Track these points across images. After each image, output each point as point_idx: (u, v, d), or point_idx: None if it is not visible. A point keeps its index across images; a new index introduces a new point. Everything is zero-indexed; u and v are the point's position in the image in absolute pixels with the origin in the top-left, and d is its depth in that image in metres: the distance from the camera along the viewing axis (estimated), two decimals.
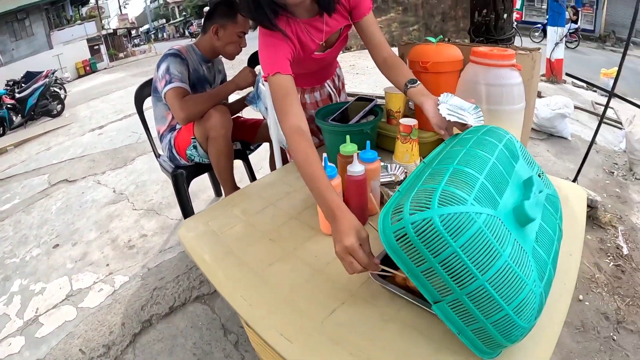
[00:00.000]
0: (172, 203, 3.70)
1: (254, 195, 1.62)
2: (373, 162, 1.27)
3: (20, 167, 6.29)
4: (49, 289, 2.88)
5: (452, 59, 1.58)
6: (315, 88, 1.98)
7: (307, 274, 1.14)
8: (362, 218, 1.26)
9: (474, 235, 0.70)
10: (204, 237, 1.39)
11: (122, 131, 6.93)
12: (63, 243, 3.48)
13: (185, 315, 2.38)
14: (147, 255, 3.00)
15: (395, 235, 0.77)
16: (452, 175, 0.81)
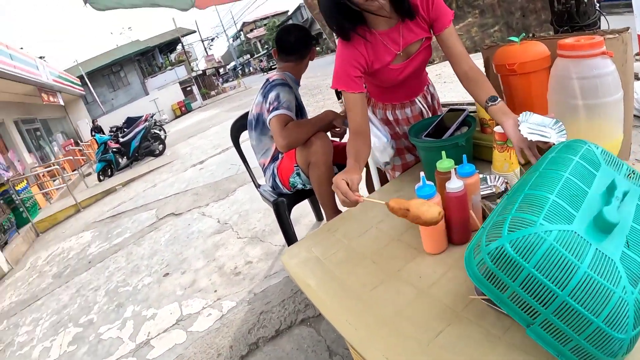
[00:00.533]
0: (274, 230, 3.87)
1: (355, 219, 1.64)
2: (471, 176, 1.23)
3: (129, 204, 6.96)
4: (160, 315, 3.14)
5: (539, 57, 1.52)
6: (405, 104, 1.99)
7: (411, 296, 1.13)
8: (465, 234, 1.27)
9: (545, 253, 0.73)
10: (308, 263, 1.43)
11: (221, 164, 7.40)
12: (172, 272, 3.77)
13: (291, 338, 2.46)
14: (253, 281, 3.16)
15: (478, 267, 0.84)
16: (523, 200, 0.86)
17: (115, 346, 2.94)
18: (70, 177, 11.23)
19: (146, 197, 7.06)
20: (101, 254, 5.00)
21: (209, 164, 7.85)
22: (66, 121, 19.98)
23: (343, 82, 1.63)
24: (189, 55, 36.66)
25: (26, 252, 6.66)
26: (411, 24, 1.63)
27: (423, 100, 2.01)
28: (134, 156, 11.08)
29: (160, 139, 11.70)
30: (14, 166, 10.67)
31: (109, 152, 10.79)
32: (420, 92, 1.99)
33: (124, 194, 8.10)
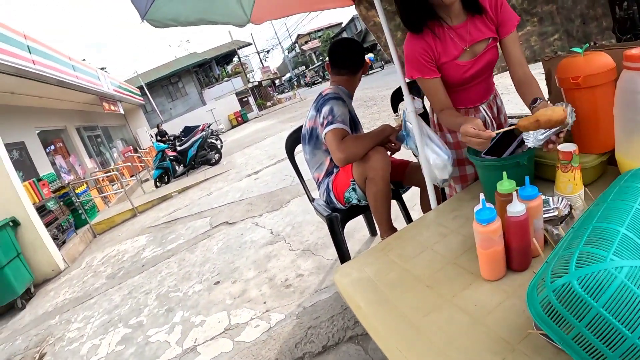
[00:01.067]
0: (327, 243, 3.85)
1: (410, 239, 1.60)
2: (534, 199, 1.17)
3: (184, 210, 7.13)
4: (208, 322, 3.17)
5: (604, 69, 1.43)
6: (470, 110, 1.95)
7: (466, 325, 1.08)
8: (526, 261, 1.21)
9: (616, 291, 0.69)
10: (360, 283, 1.40)
11: (276, 175, 7.47)
12: (223, 280, 3.81)
13: (338, 355, 2.43)
14: (303, 295, 3.14)
15: (542, 305, 0.79)
16: (591, 234, 0.81)
17: (162, 349, 3.00)
18: (128, 183, 11.67)
19: (201, 204, 7.21)
20: (155, 259, 5.14)
21: (263, 174, 7.95)
22: (126, 129, 20.79)
23: (417, 70, 1.72)
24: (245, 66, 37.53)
25: (83, 252, 6.93)
26: (479, 23, 1.70)
27: (488, 110, 1.97)
28: (190, 164, 11.39)
29: (217, 148, 11.97)
30: (74, 170, 11.17)
31: (167, 160, 11.14)
32: (486, 99, 1.96)
33: (179, 200, 8.31)
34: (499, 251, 1.17)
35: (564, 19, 2.76)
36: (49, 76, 8.13)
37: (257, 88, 37.97)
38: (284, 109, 26.31)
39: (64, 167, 10.45)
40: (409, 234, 1.65)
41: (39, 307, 4.93)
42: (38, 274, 5.84)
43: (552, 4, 2.73)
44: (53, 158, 10.15)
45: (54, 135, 11.04)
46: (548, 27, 2.86)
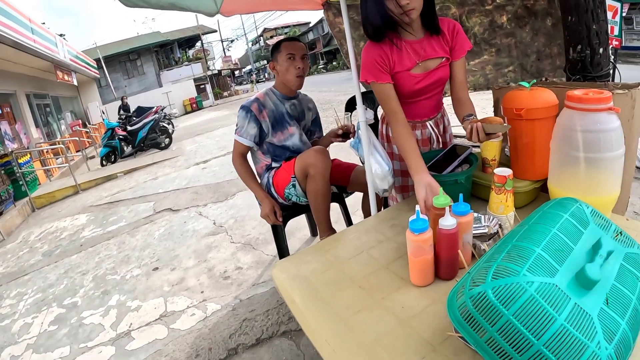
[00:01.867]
0: (268, 239, 3.92)
1: (348, 242, 1.68)
2: (465, 215, 1.27)
3: (128, 192, 7.02)
4: (144, 308, 3.18)
5: (546, 105, 1.55)
6: (417, 125, 2.04)
7: (393, 325, 1.15)
8: (452, 271, 1.30)
9: (525, 303, 0.78)
10: (296, 280, 1.46)
11: (224, 166, 7.48)
12: (162, 267, 3.81)
13: (270, 349, 2.50)
14: (240, 287, 3.19)
15: (460, 310, 0.89)
16: (510, 251, 0.91)
17: (95, 332, 2.98)
18: (73, 158, 11.29)
19: (146, 188, 7.11)
20: (94, 239, 5.05)
21: (212, 165, 7.92)
22: (77, 101, 20.07)
23: (372, 74, 1.81)
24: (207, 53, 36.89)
25: (20, 225, 6.70)
26: (434, 42, 1.84)
27: (435, 126, 2.07)
28: (139, 146, 11.15)
29: (168, 132, 11.78)
30: (19, 138, 10.73)
31: (115, 139, 10.85)
32: (433, 115, 2.06)
33: (124, 182, 8.15)
34: (428, 260, 1.26)
35: (521, 53, 2.91)
36: (6, 36, 7.75)
37: (215, 76, 37.35)
38: (240, 101, 26.00)
39: (8, 134, 10.01)
40: (347, 237, 1.73)
41: None
42: None
43: (511, 38, 2.87)
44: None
45: (2, 100, 10.52)
46: (504, 59, 3.00)
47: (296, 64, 2.52)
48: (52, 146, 10.82)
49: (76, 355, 2.76)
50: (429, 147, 2.10)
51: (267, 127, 2.58)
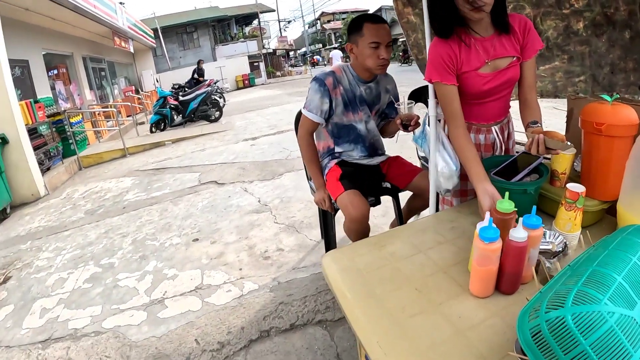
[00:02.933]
0: (313, 224, 3.84)
1: (405, 239, 1.59)
2: (537, 229, 1.20)
3: (175, 161, 7.08)
4: (180, 277, 3.15)
5: (629, 123, 1.45)
6: (482, 129, 1.95)
7: (449, 334, 1.10)
8: (514, 286, 1.23)
9: (605, 334, 0.73)
10: (349, 273, 1.39)
11: (273, 145, 7.40)
12: (203, 239, 3.79)
13: (304, 336, 2.43)
14: (280, 269, 3.12)
15: (531, 331, 0.83)
16: (590, 276, 0.86)
17: (129, 295, 2.98)
18: (123, 122, 11.49)
19: (193, 158, 7.15)
20: (137, 203, 5.10)
21: (261, 142, 7.88)
22: (131, 68, 20.50)
23: (438, 73, 1.72)
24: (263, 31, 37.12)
25: (65, 182, 6.87)
26: (504, 40, 1.75)
27: (500, 132, 1.97)
28: (189, 116, 11.27)
29: (219, 106, 11.87)
30: (73, 99, 11.01)
31: (167, 107, 11.00)
32: (499, 120, 1.95)
33: (171, 150, 8.24)
34: (493, 270, 1.18)
35: (594, 63, 2.75)
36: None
37: (270, 55, 37.60)
38: (292, 82, 26.07)
39: (62, 94, 10.28)
40: (404, 234, 1.64)
41: (11, 229, 4.87)
42: (16, 196, 5.76)
43: (585, 46, 2.71)
44: (54, 83, 9.97)
45: (59, 60, 10.83)
46: (576, 67, 2.84)
47: (380, 54, 2.24)
48: (104, 109, 11.09)
49: (107, 316, 2.75)
50: (491, 154, 1.99)
51: (336, 106, 2.43)
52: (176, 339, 2.47)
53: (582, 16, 2.62)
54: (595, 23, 2.60)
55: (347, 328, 2.42)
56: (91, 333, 2.60)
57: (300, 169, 5.60)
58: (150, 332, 2.55)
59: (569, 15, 2.66)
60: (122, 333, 2.57)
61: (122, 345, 2.46)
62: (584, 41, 2.70)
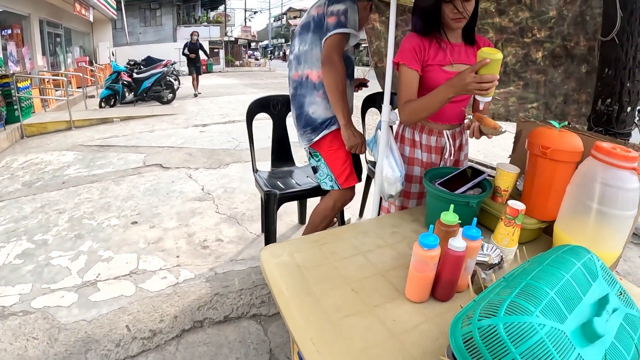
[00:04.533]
0: (255, 217, 3.82)
1: (346, 239, 1.60)
2: (476, 240, 1.23)
3: (121, 139, 6.85)
4: (115, 260, 3.06)
5: (573, 149, 1.53)
6: (433, 130, 2.01)
7: (382, 337, 1.10)
8: (449, 293, 1.26)
9: (534, 345, 0.76)
10: (287, 269, 1.38)
11: (223, 134, 7.31)
12: (142, 222, 3.70)
13: (237, 329, 2.41)
14: (218, 260, 3.09)
15: (464, 338, 0.86)
16: (524, 288, 0.89)
17: (61, 275, 2.86)
18: (73, 93, 11.01)
19: (140, 139, 6.94)
20: (77, 179, 4.90)
21: (211, 130, 7.76)
22: (88, 38, 19.71)
23: (406, 57, 1.83)
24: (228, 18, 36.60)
25: (5, 149, 6.51)
26: (469, 51, 1.92)
27: (452, 139, 2.04)
28: (141, 95, 10.93)
29: (173, 88, 11.57)
30: (23, 63, 10.52)
31: (119, 83, 10.62)
32: (453, 123, 2.03)
33: (119, 128, 7.97)
34: (430, 277, 1.21)
35: (548, 92, 2.86)
36: None
37: (231, 43, 37.04)
38: (250, 73, 25.75)
39: (13, 56, 9.79)
40: (345, 235, 1.64)
41: None
42: None
43: (542, 75, 2.82)
44: (6, 43, 9.51)
45: (15, 20, 10.29)
46: (530, 94, 2.95)
47: None
48: (55, 77, 10.59)
49: (36, 295, 2.64)
50: (440, 157, 2.07)
51: None
52: (107, 324, 2.40)
53: (542, 46, 2.74)
54: (555, 54, 2.72)
55: (281, 324, 2.43)
56: (19, 312, 2.49)
57: (247, 160, 5.55)
58: (81, 315, 2.46)
59: (530, 44, 2.78)
60: (52, 314, 2.47)
61: (51, 327, 2.36)
62: (541, 70, 2.81)
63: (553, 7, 2.52)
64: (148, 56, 14.33)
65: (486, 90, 1.54)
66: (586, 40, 2.54)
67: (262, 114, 3.10)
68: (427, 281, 1.22)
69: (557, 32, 2.61)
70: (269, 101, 3.16)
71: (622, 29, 2.24)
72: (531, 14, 2.63)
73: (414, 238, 1.33)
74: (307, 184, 2.96)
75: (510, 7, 2.68)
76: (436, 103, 1.72)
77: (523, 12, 2.66)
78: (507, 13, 2.72)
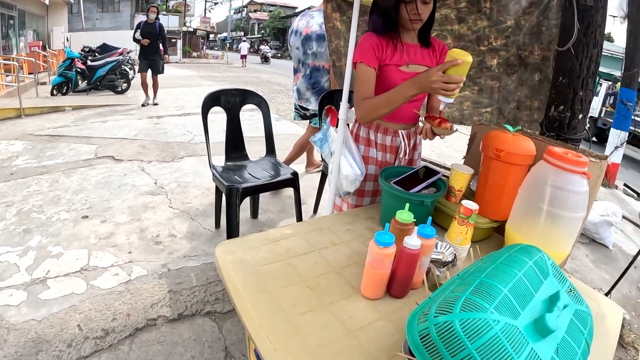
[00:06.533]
0: (209, 212, 3.74)
1: (301, 236, 1.60)
2: (430, 238, 1.26)
3: (73, 129, 6.55)
4: (66, 256, 2.93)
5: (526, 153, 1.58)
6: (389, 130, 2.01)
7: (339, 333, 1.11)
8: (404, 291, 1.28)
9: (489, 340, 0.78)
10: (242, 265, 1.36)
11: (178, 127, 7.13)
12: (93, 216, 3.56)
13: (192, 326, 2.37)
14: (171, 256, 3.02)
15: (420, 334, 0.87)
16: (478, 286, 0.91)
17: (8, 272, 2.71)
18: (24, 79, 10.52)
19: (92, 129, 6.66)
20: (26, 170, 4.65)
21: (165, 122, 7.55)
22: (43, 22, 18.89)
23: (364, 55, 1.81)
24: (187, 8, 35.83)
25: None
26: (424, 52, 1.93)
27: (407, 138, 2.05)
28: (95, 84, 10.49)
29: (128, 78, 11.20)
30: None
31: (72, 70, 10.15)
32: (408, 123, 2.04)
33: (71, 117, 7.63)
34: (385, 274, 1.22)
35: (502, 98, 2.92)
36: None
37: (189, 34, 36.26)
38: (207, 65, 25.21)
39: None
40: (300, 232, 1.63)
41: None
42: None
43: (496, 81, 2.88)
44: None
45: None
46: (484, 99, 2.99)
47: None
48: (5, 61, 10.06)
49: None
50: (394, 156, 2.08)
51: None
52: (58, 323, 2.30)
53: (497, 54, 2.79)
54: (509, 63, 2.78)
55: (236, 321, 2.40)
56: None
57: (201, 154, 5.45)
58: (30, 315, 2.34)
59: (485, 52, 2.82)
60: (0, 314, 2.34)
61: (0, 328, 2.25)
62: (496, 77, 2.87)
63: (511, 17, 2.57)
64: (103, 43, 13.72)
65: (451, 91, 1.54)
66: (540, 50, 2.61)
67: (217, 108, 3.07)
68: (382, 278, 1.23)
69: (512, 41, 2.66)
70: (223, 95, 3.13)
71: (578, 40, 2.32)
72: (489, 23, 2.67)
73: (368, 236, 1.38)
74: (265, 177, 2.94)
75: (470, 16, 2.71)
76: (399, 100, 1.72)
77: (482, 21, 2.70)
78: (467, 21, 2.75)
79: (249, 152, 3.38)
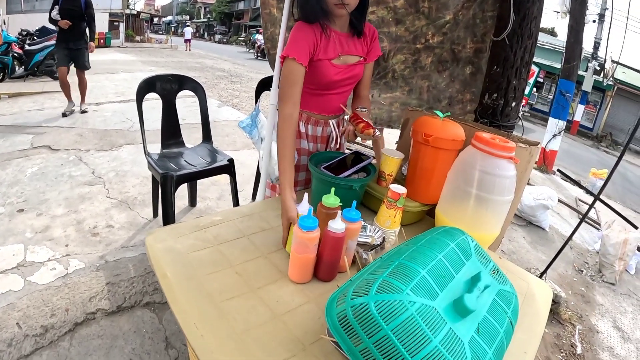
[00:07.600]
0: (146, 201, 3.69)
1: (230, 223, 1.60)
2: (355, 222, 1.27)
3: (8, 118, 6.19)
4: (1, 252, 2.83)
5: (454, 138, 1.62)
6: (320, 121, 2.01)
7: (265, 317, 1.13)
8: (331, 274, 1.30)
9: (405, 321, 0.80)
10: (171, 253, 1.35)
11: (117, 114, 6.89)
12: (29, 210, 3.43)
13: (131, 318, 2.36)
14: (108, 247, 2.98)
15: (338, 316, 0.89)
16: (396, 268, 0.92)
17: None
18: None
19: (28, 118, 6.31)
20: None
21: (104, 109, 7.26)
22: None
23: (296, 51, 1.70)
24: None
25: None
26: (356, 41, 1.89)
27: (336, 125, 2.07)
28: (32, 70, 9.86)
29: None
30: None
31: (9, 55, 9.51)
32: (338, 113, 2.05)
33: (6, 105, 7.17)
34: (310, 258, 1.25)
35: (432, 97, 2.94)
36: None
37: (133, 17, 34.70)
38: (151, 50, 24.24)
39: None
40: (230, 218, 1.64)
41: None
42: None
43: (426, 80, 2.89)
44: None
45: None
46: (413, 100, 3.01)
47: None
48: None
49: None
50: (325, 145, 2.10)
51: None
52: None
53: (433, 52, 2.78)
54: (441, 59, 2.77)
55: None
56: None
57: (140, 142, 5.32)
58: None
59: (421, 50, 2.80)
60: None
61: None
62: (426, 76, 2.87)
63: (450, 12, 2.58)
64: (43, 26, 12.82)
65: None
66: (473, 43, 2.65)
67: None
68: (308, 262, 1.25)
69: (449, 38, 2.68)
70: (158, 81, 3.08)
71: (513, 31, 2.38)
72: (427, 21, 2.67)
73: None
74: (200, 164, 2.94)
75: (408, 17, 2.69)
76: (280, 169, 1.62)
77: (420, 20, 2.69)
78: (404, 22, 2.73)
79: (191, 139, 3.36)
